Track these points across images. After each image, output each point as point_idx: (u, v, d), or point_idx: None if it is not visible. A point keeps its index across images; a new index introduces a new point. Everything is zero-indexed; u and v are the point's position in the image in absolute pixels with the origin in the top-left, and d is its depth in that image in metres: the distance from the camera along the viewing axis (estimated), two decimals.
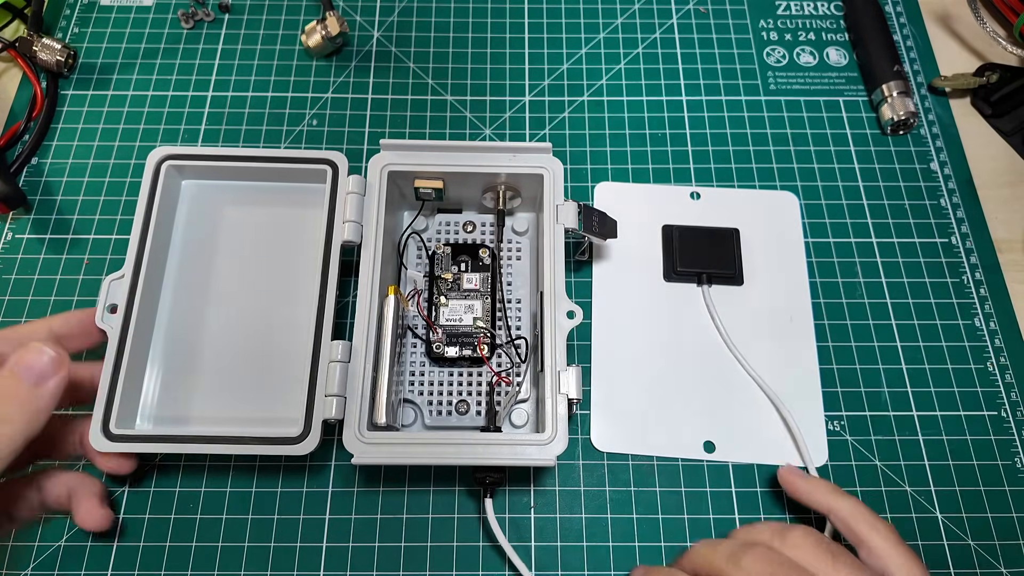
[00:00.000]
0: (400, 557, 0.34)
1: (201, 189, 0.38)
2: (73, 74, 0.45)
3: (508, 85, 0.45)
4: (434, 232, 0.39)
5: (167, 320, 0.35)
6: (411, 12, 0.48)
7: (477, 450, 0.31)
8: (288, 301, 0.36)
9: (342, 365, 0.32)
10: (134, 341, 0.32)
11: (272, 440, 0.31)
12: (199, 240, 0.37)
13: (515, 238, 0.39)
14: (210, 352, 0.35)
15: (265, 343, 0.35)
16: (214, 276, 0.36)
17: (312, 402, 0.31)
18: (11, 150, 0.43)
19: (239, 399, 0.34)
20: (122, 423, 0.31)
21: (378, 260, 0.34)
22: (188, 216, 0.37)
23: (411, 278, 0.38)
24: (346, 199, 0.35)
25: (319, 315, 0.33)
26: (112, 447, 0.31)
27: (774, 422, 0.36)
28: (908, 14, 0.48)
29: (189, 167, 0.36)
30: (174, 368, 0.35)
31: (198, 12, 0.47)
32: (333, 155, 0.36)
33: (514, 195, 0.38)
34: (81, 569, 0.33)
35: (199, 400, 0.34)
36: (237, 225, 0.37)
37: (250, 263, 0.37)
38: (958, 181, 0.43)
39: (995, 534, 0.34)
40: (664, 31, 0.47)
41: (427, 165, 0.36)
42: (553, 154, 0.36)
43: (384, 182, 0.35)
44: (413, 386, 0.36)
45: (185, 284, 0.36)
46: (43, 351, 0.28)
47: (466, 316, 0.36)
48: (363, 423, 0.31)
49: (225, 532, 0.34)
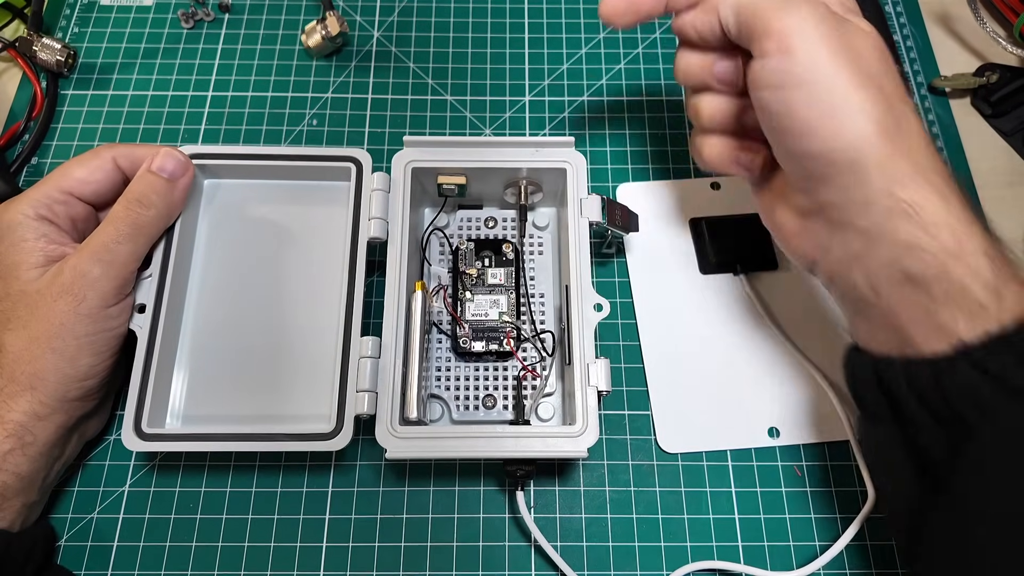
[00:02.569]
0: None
1: (223, 188, 0.38)
2: (73, 74, 0.45)
3: (508, 85, 0.45)
4: (456, 228, 0.40)
5: (193, 319, 0.35)
6: (411, 12, 0.48)
7: (508, 443, 0.31)
8: (311, 299, 0.36)
9: (372, 360, 0.32)
10: (163, 340, 0.33)
11: (304, 436, 0.31)
12: (222, 239, 0.37)
13: (537, 233, 0.39)
14: (235, 351, 0.35)
15: (289, 341, 0.35)
16: (237, 275, 0.36)
17: (344, 397, 0.31)
18: (11, 150, 0.43)
19: (265, 397, 0.34)
20: (153, 422, 0.32)
21: (405, 256, 0.34)
22: (212, 215, 0.37)
23: (435, 274, 0.38)
24: (371, 196, 0.35)
25: (347, 310, 0.33)
26: (145, 446, 0.31)
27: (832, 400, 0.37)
28: (908, 14, 0.48)
29: (212, 166, 0.37)
30: (201, 367, 0.35)
31: (198, 12, 0.47)
32: (357, 152, 0.36)
33: (535, 189, 0.38)
34: (82, 569, 0.33)
35: (225, 398, 0.34)
36: (259, 224, 0.37)
37: (271, 262, 0.37)
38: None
39: None
40: (664, 31, 0.47)
41: (450, 161, 0.36)
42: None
43: (408, 179, 0.35)
44: (440, 381, 0.36)
45: (209, 283, 0.36)
46: (174, 154, 0.34)
47: (492, 311, 0.36)
48: (395, 418, 0.31)
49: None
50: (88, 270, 0.31)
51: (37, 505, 0.32)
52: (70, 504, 0.35)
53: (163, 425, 0.33)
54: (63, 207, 0.33)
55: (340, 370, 0.32)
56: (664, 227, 0.41)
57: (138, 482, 0.35)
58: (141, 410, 0.32)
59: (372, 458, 0.36)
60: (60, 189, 0.33)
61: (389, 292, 0.33)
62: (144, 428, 0.31)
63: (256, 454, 0.36)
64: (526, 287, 0.38)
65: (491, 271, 0.37)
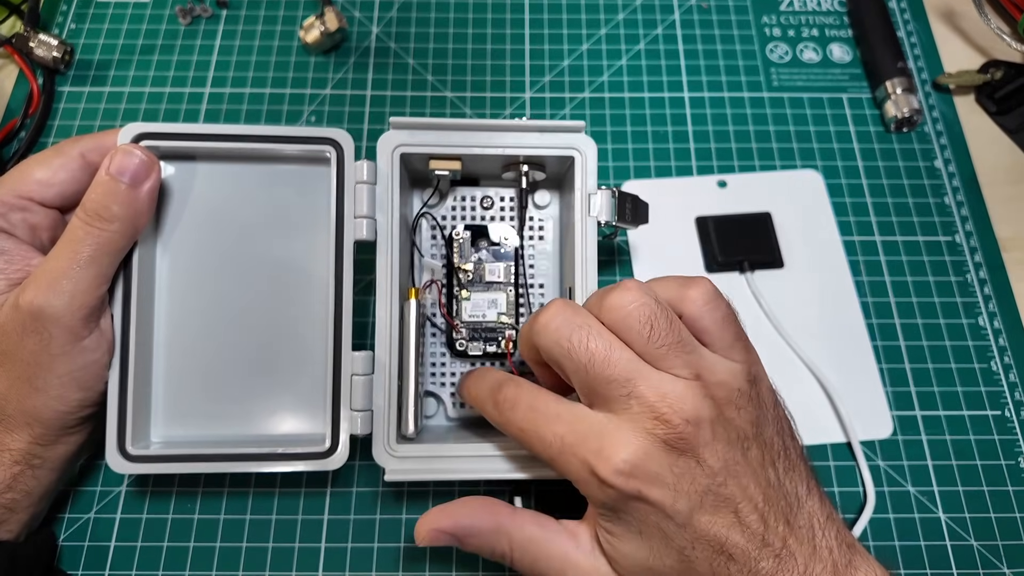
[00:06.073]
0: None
1: (186, 173, 0.32)
2: (70, 70, 0.45)
3: (509, 82, 0.45)
4: (448, 209, 0.36)
5: (166, 331, 0.32)
6: (410, 8, 0.47)
7: (511, 463, 0.30)
8: (296, 301, 0.32)
9: (366, 378, 0.30)
10: (137, 353, 0.30)
11: (298, 456, 0.29)
12: (189, 234, 0.32)
13: (537, 214, 0.36)
14: (216, 365, 0.32)
15: (275, 353, 0.32)
16: (212, 277, 0.32)
17: (337, 415, 0.30)
18: (7, 147, 0.42)
19: (250, 412, 0.32)
20: (138, 443, 0.30)
21: (395, 263, 0.31)
22: (174, 205, 0.32)
23: (427, 266, 0.35)
24: (356, 190, 0.31)
25: (336, 325, 0.30)
26: (132, 468, 0.29)
27: (834, 401, 0.36)
28: (912, 10, 0.48)
29: (169, 147, 0.31)
30: (181, 385, 0.32)
31: (195, 8, 0.46)
32: (335, 133, 0.31)
33: (538, 170, 0.34)
34: (79, 569, 0.33)
35: (209, 418, 0.32)
36: (231, 215, 0.32)
37: (249, 261, 0.32)
38: (962, 179, 0.43)
39: (998, 534, 0.34)
40: (666, 27, 0.47)
41: (444, 146, 0.32)
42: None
43: (397, 167, 0.31)
44: (435, 377, 0.35)
45: (181, 288, 0.32)
46: (135, 153, 0.28)
47: (489, 312, 0.34)
48: (392, 436, 0.30)
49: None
50: (46, 304, 0.26)
51: (42, 513, 0.32)
52: (67, 504, 0.34)
53: (148, 446, 0.30)
54: (20, 215, 0.29)
55: (332, 390, 0.30)
56: (669, 225, 0.41)
57: (136, 482, 0.35)
58: (124, 431, 0.29)
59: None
60: (17, 194, 0.29)
61: (380, 305, 0.30)
62: (129, 450, 0.29)
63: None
64: (526, 286, 0.35)
65: (489, 267, 0.35)
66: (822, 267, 0.40)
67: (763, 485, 0.25)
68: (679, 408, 0.24)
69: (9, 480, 0.29)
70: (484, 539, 0.27)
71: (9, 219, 0.29)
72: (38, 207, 0.30)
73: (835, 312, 0.39)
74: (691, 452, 0.24)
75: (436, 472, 0.30)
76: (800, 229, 0.41)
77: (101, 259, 0.28)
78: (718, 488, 0.24)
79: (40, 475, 0.29)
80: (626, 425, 0.24)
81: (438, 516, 0.27)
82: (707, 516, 0.24)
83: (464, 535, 0.27)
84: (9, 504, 0.29)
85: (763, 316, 0.38)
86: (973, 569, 0.34)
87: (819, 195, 0.42)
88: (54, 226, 0.30)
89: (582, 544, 0.27)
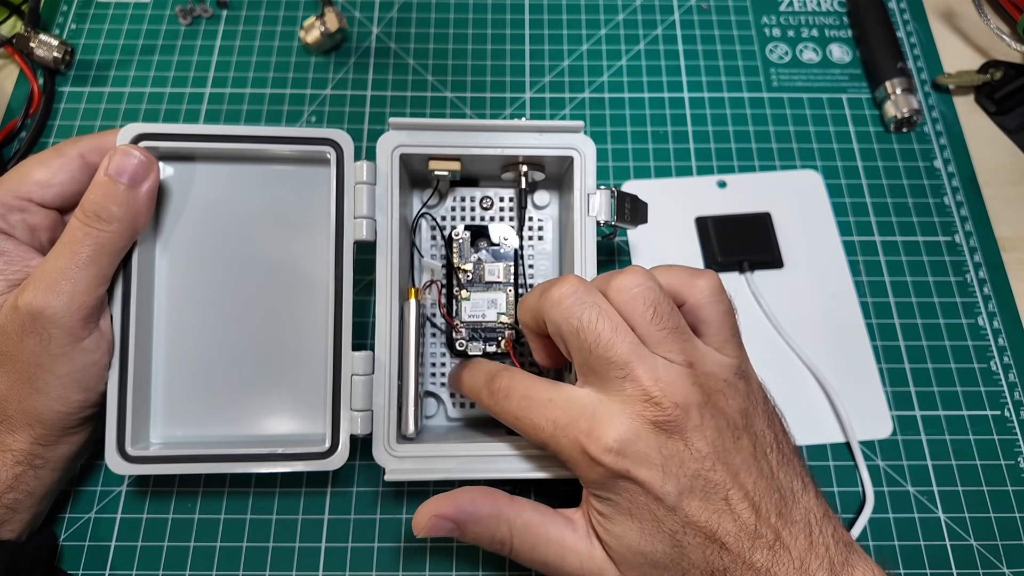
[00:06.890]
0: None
1: (186, 174, 0.32)
2: (70, 71, 0.45)
3: (509, 82, 0.45)
4: (448, 209, 0.36)
5: (166, 332, 0.32)
6: (411, 8, 0.47)
7: (511, 463, 0.30)
8: (296, 302, 0.32)
9: (366, 378, 0.30)
10: (136, 353, 0.30)
11: (298, 457, 0.30)
12: (188, 234, 0.32)
13: (536, 214, 0.36)
14: (216, 366, 0.32)
15: (274, 353, 0.32)
16: (211, 276, 0.32)
17: (337, 415, 0.30)
18: (7, 147, 0.42)
19: (250, 412, 0.32)
20: (138, 444, 0.30)
21: (395, 264, 0.31)
22: (174, 206, 0.32)
23: (427, 266, 0.35)
24: (355, 191, 0.31)
25: (336, 325, 0.30)
26: (132, 469, 0.29)
27: (833, 402, 0.36)
28: (911, 10, 0.48)
29: (168, 148, 0.31)
30: (180, 385, 0.32)
31: (196, 8, 0.47)
32: (335, 134, 0.31)
33: (537, 170, 0.34)
34: (79, 569, 0.33)
35: (209, 418, 0.32)
36: (231, 216, 0.32)
37: (248, 260, 0.32)
38: (962, 179, 0.43)
39: (998, 534, 0.34)
40: (666, 27, 0.47)
41: (443, 147, 0.32)
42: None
43: (396, 168, 0.31)
44: (435, 377, 0.35)
45: (179, 287, 0.32)
46: (134, 153, 0.29)
47: (489, 312, 0.34)
48: (392, 436, 0.30)
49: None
50: (45, 305, 0.27)
51: (43, 513, 0.32)
52: (68, 504, 0.34)
53: (148, 447, 0.31)
54: (20, 216, 0.29)
55: (332, 390, 0.30)
56: (669, 225, 0.41)
57: (136, 482, 0.35)
58: (123, 432, 0.29)
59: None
60: (16, 195, 0.29)
61: (380, 305, 0.31)
62: (129, 450, 0.29)
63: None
64: (526, 286, 0.36)
65: (488, 267, 0.35)
66: (822, 267, 0.40)
67: (754, 475, 0.25)
68: (669, 392, 0.25)
69: (11, 480, 0.29)
70: (484, 525, 0.27)
71: (8, 220, 0.29)
72: (37, 208, 0.30)
73: (835, 312, 0.39)
74: (679, 435, 0.25)
75: (436, 472, 0.30)
76: (800, 229, 0.41)
77: (100, 260, 0.28)
78: (707, 473, 0.25)
79: (42, 475, 0.30)
80: (617, 406, 0.25)
81: (439, 503, 0.28)
82: (697, 501, 0.24)
83: (465, 521, 0.27)
84: (11, 504, 0.29)
85: (763, 316, 0.38)
86: (973, 569, 0.34)
87: (819, 195, 0.42)
88: (53, 227, 0.31)
89: (579, 529, 0.27)
